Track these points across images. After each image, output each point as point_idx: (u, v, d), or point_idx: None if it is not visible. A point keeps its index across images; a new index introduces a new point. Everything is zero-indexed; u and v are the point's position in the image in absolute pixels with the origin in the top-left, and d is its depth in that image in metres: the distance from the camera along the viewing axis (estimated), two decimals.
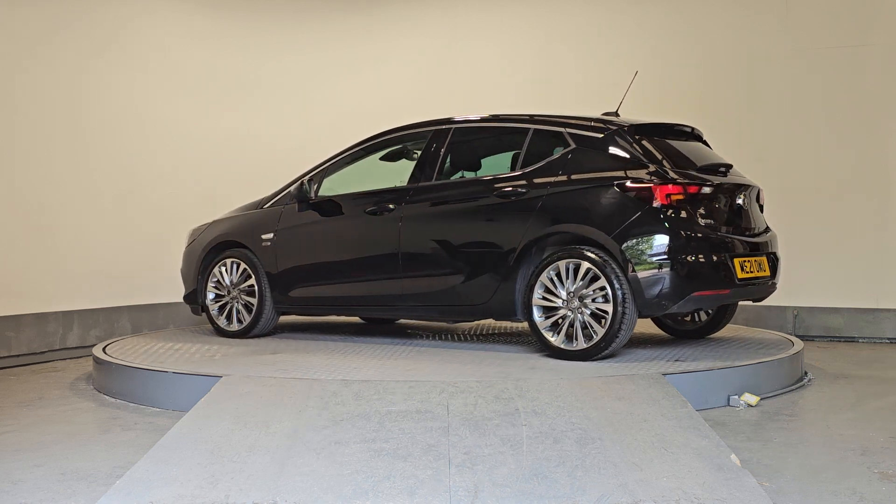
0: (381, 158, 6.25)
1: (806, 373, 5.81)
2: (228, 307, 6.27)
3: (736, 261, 5.16)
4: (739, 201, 5.39)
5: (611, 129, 5.30)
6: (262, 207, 6.31)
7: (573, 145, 5.31)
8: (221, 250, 6.35)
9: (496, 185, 5.42)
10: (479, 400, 4.05)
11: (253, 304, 6.15)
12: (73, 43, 7.31)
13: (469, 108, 8.02)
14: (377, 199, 5.80)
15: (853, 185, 7.70)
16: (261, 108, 8.64)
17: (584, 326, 5.02)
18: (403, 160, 6.29)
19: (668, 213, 4.93)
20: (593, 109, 6.83)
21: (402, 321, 7.16)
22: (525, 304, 5.19)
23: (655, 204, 4.93)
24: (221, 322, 6.29)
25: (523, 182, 5.32)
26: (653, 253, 4.88)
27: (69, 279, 7.19)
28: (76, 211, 7.29)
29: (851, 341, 7.65)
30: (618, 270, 4.92)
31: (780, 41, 7.91)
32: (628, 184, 5.01)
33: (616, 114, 5.80)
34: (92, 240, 7.34)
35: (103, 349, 5.81)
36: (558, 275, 5.07)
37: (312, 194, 6.02)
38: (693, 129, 5.78)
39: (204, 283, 6.37)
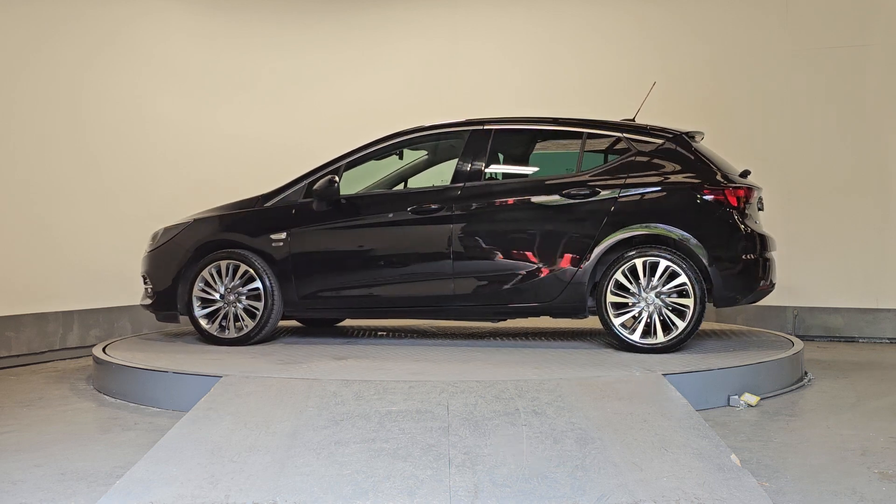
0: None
1: (806, 373, 5.81)
2: (222, 313, 5.81)
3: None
4: (760, 204, 5.84)
5: (668, 136, 5.66)
6: (263, 205, 5.93)
7: (633, 150, 5.61)
8: (208, 252, 5.89)
9: (561, 186, 5.55)
10: (479, 400, 4.06)
11: (255, 309, 5.77)
12: (73, 42, 7.31)
13: (470, 108, 8.04)
14: (421, 198, 5.71)
15: (853, 185, 7.70)
16: (262, 107, 8.64)
17: (662, 321, 5.32)
18: (394, 158, 6.25)
19: (738, 215, 5.40)
20: (595, 110, 6.86)
21: (346, 322, 7.06)
22: (596, 301, 5.43)
23: (728, 206, 5.40)
24: (213, 329, 5.82)
25: (589, 184, 5.52)
26: (729, 251, 5.36)
27: (69, 279, 7.19)
28: (76, 211, 7.29)
29: (851, 341, 7.65)
30: (696, 268, 5.28)
31: (780, 41, 7.92)
32: (703, 187, 5.44)
33: (633, 121, 6.00)
34: (92, 240, 7.34)
35: (103, 349, 5.81)
36: (633, 272, 5.33)
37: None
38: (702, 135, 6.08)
39: (189, 287, 5.86)
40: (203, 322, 5.86)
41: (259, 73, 8.66)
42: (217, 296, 5.84)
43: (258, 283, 5.76)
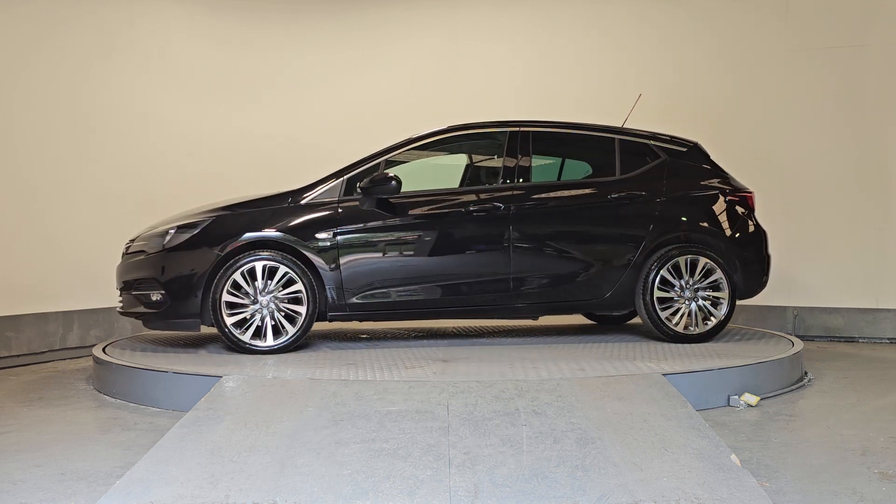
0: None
1: (806, 373, 5.81)
2: (258, 319, 5.39)
3: None
4: None
5: (690, 144, 6.21)
6: (298, 202, 5.59)
7: (663, 157, 6.07)
8: (238, 252, 5.43)
9: (610, 188, 5.88)
10: (479, 400, 4.06)
11: (295, 314, 5.42)
12: (74, 43, 7.32)
13: (471, 108, 8.04)
14: (477, 197, 5.72)
15: (853, 185, 7.70)
16: (262, 107, 8.64)
17: (699, 312, 5.81)
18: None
19: (753, 216, 6.11)
20: (596, 110, 6.87)
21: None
22: (642, 296, 5.78)
23: (748, 208, 6.09)
24: (245, 338, 5.37)
25: (635, 187, 5.90)
26: (753, 248, 6.03)
27: (69, 279, 7.19)
28: (77, 211, 7.29)
29: (851, 341, 7.65)
30: (728, 264, 5.85)
31: (780, 41, 7.92)
32: (729, 192, 6.06)
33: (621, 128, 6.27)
34: (92, 240, 7.34)
35: (103, 349, 5.81)
36: (677, 269, 5.78)
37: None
38: None
39: (217, 292, 5.36)
40: (235, 330, 5.38)
41: (259, 73, 8.67)
42: (248, 300, 5.40)
43: (299, 286, 5.41)
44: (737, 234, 5.98)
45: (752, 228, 6.05)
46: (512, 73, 8.63)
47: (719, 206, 6.02)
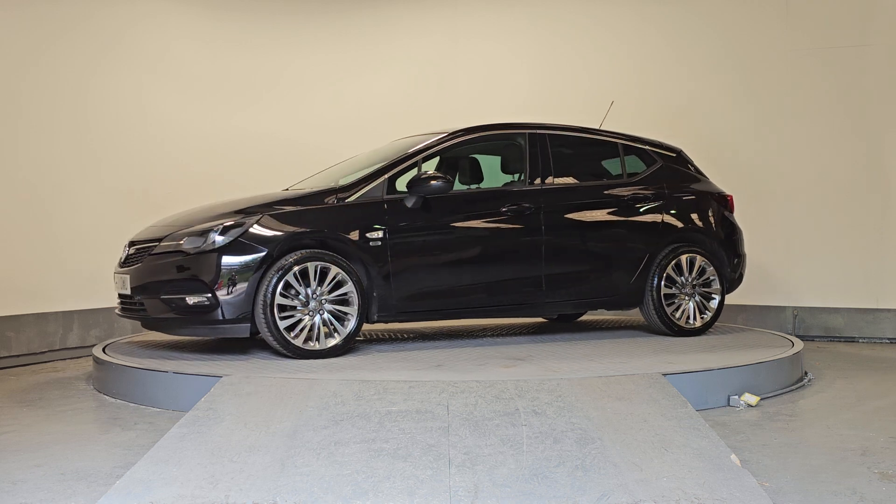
0: None
1: (806, 373, 5.81)
2: (307, 323, 5.18)
3: None
4: None
5: (676, 150, 6.58)
6: (341, 201, 5.39)
7: (660, 161, 6.41)
8: (286, 252, 5.18)
9: (625, 191, 6.17)
10: (479, 400, 4.06)
11: (344, 315, 5.26)
12: (76, 45, 7.31)
13: (472, 107, 8.04)
14: (513, 198, 5.78)
15: (853, 185, 7.70)
16: (264, 107, 8.63)
17: (697, 307, 6.21)
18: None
19: (733, 217, 6.57)
20: (597, 110, 6.85)
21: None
22: (651, 293, 6.10)
23: (730, 210, 6.54)
24: (298, 342, 5.13)
25: (645, 190, 6.22)
26: (737, 246, 6.51)
27: (70, 279, 7.18)
28: (77, 211, 7.28)
29: (851, 341, 7.65)
30: (718, 262, 6.26)
31: (781, 40, 7.91)
32: (718, 194, 6.50)
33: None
34: (93, 240, 7.33)
35: (103, 349, 5.81)
36: (678, 266, 6.13)
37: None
38: None
39: (268, 294, 5.07)
40: (288, 334, 5.12)
41: (260, 74, 8.66)
42: (297, 303, 5.15)
43: (349, 287, 5.23)
44: (723, 234, 6.42)
45: (734, 228, 6.51)
46: (513, 72, 8.63)
47: (709, 208, 6.41)
